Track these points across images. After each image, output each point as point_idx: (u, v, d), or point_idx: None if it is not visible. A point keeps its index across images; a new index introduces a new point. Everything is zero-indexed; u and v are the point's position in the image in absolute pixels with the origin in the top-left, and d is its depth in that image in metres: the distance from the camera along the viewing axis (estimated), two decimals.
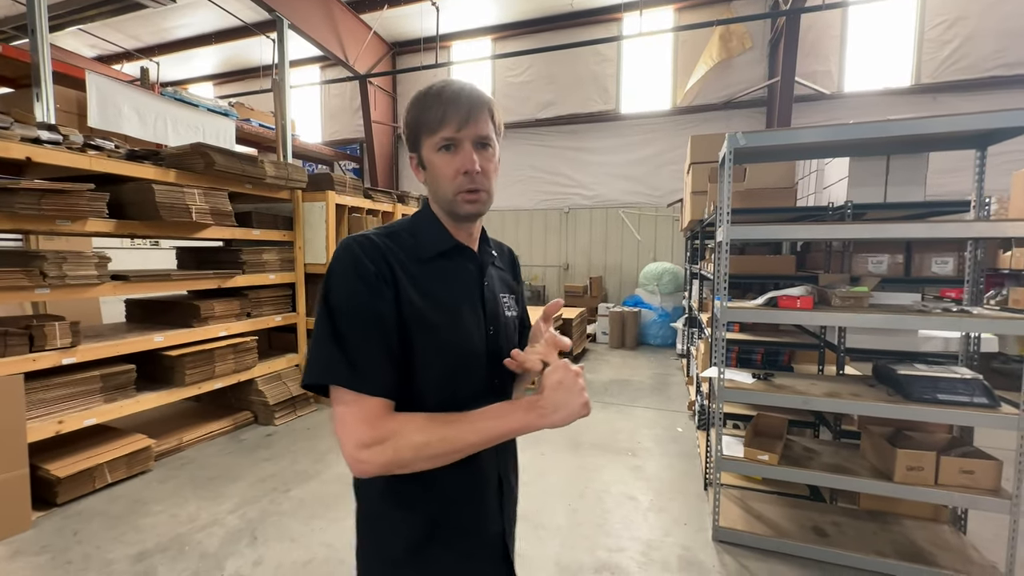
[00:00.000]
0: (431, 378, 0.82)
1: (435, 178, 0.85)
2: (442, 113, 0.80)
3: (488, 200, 0.87)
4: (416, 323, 0.80)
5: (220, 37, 10.06)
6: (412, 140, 0.87)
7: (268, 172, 3.99)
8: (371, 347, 0.76)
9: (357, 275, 0.78)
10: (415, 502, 0.85)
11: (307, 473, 3.25)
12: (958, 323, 2.09)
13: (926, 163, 2.49)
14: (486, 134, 0.84)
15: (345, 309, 0.77)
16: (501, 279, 1.00)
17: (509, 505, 0.97)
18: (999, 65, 6.95)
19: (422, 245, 0.87)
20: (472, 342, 0.86)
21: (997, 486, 2.15)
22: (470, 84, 0.84)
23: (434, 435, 0.73)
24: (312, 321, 3.57)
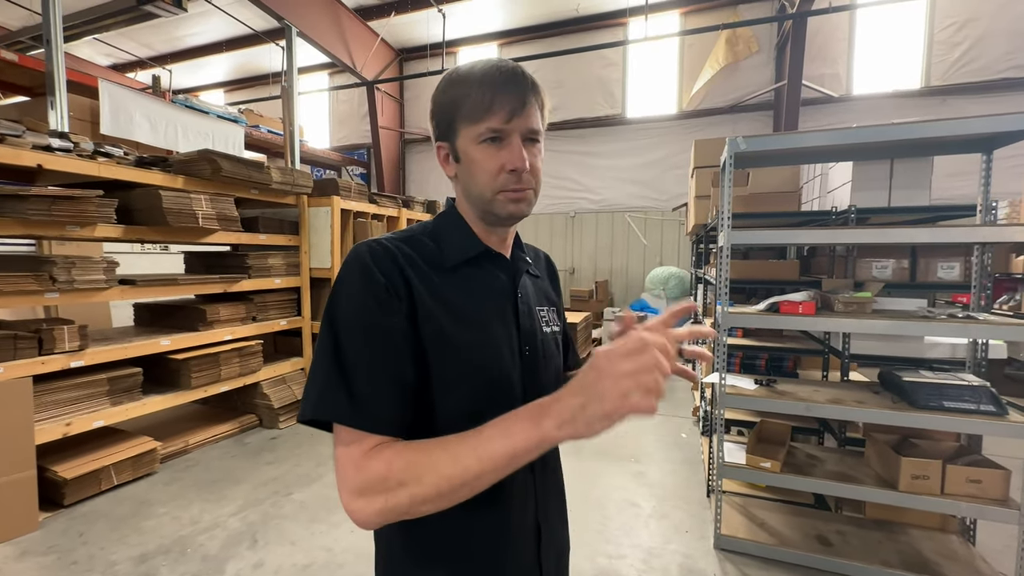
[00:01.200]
0: (454, 407, 0.69)
1: (472, 173, 0.73)
2: (489, 100, 0.68)
3: (534, 199, 0.75)
4: (436, 342, 0.69)
5: (231, 45, 10.23)
6: (444, 127, 0.74)
7: (274, 178, 4.04)
8: (375, 373, 0.64)
9: (365, 287, 0.67)
10: (436, 556, 0.73)
11: (309, 476, 3.27)
12: (963, 329, 2.06)
13: (931, 167, 2.46)
14: (537, 127, 0.72)
15: (349, 328, 0.66)
16: (538, 289, 0.88)
17: (550, 557, 0.80)
18: (1011, 67, 6.85)
19: (445, 251, 0.76)
20: (503, 363, 0.74)
21: (1006, 496, 2.10)
22: (519, 66, 0.71)
23: (426, 469, 0.59)
24: (317, 325, 3.57)
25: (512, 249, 0.85)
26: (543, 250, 1.00)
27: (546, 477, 0.82)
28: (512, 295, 0.80)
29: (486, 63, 0.71)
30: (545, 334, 0.83)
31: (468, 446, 0.59)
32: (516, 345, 0.77)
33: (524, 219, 0.78)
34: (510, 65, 0.71)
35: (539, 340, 0.81)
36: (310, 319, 4.69)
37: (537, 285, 0.88)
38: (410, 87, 10.52)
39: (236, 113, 7.49)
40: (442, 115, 0.74)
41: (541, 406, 0.58)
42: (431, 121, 0.77)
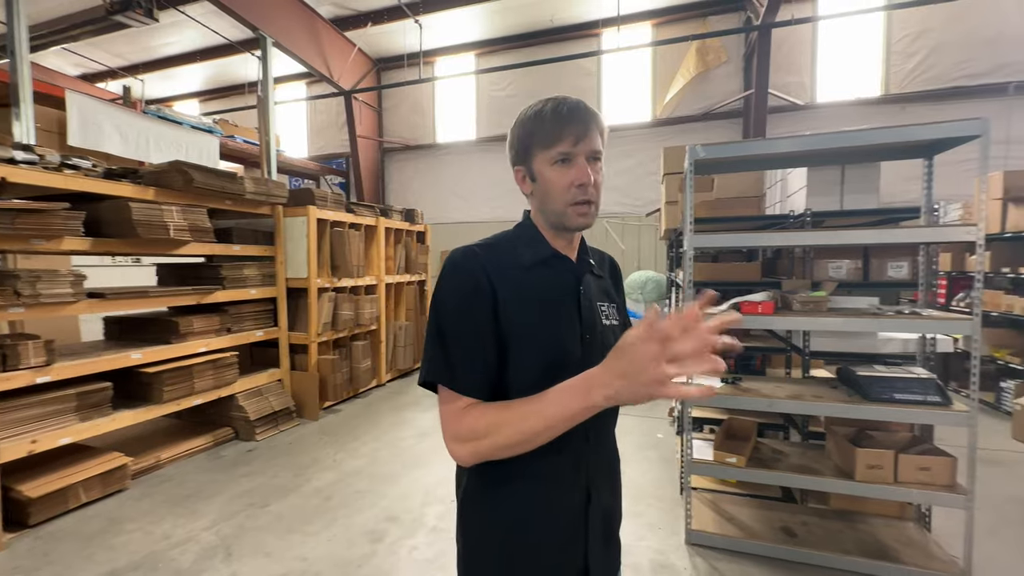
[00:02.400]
0: (527, 381, 0.84)
1: (547, 191, 0.90)
2: (560, 129, 0.86)
3: (596, 213, 0.91)
4: (514, 326, 0.86)
5: (205, 55, 10.14)
6: (522, 153, 0.92)
7: (248, 188, 4.03)
8: (466, 350, 0.84)
9: (459, 286, 0.86)
10: (504, 488, 0.90)
11: (286, 487, 3.24)
12: (908, 324, 2.18)
13: (878, 172, 2.60)
14: (598, 149, 0.89)
15: (446, 316, 0.86)
16: (600, 287, 1.01)
17: (596, 517, 0.93)
18: (963, 75, 7.21)
19: (522, 254, 0.92)
20: (568, 346, 0.89)
21: (953, 482, 2.22)
22: (581, 101, 0.89)
23: (502, 425, 0.78)
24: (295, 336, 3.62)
25: (578, 252, 1.00)
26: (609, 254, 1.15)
27: (600, 448, 0.97)
28: (576, 291, 0.94)
29: (554, 101, 0.88)
30: (604, 326, 0.96)
31: (534, 409, 0.77)
32: (578, 333, 0.91)
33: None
34: (577, 101, 0.89)
35: (598, 330, 0.94)
36: (287, 329, 4.66)
37: (600, 284, 1.02)
38: (388, 96, 10.56)
39: (211, 123, 7.42)
40: (520, 144, 0.92)
41: (589, 378, 0.73)
42: (509, 150, 0.95)
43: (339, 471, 3.50)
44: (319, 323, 4.70)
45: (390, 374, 6.02)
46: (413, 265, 6.46)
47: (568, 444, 0.85)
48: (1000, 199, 4.69)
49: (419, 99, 10.29)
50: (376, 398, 5.40)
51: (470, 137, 9.93)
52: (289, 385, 4.67)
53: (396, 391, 5.68)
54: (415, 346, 6.41)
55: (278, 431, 4.29)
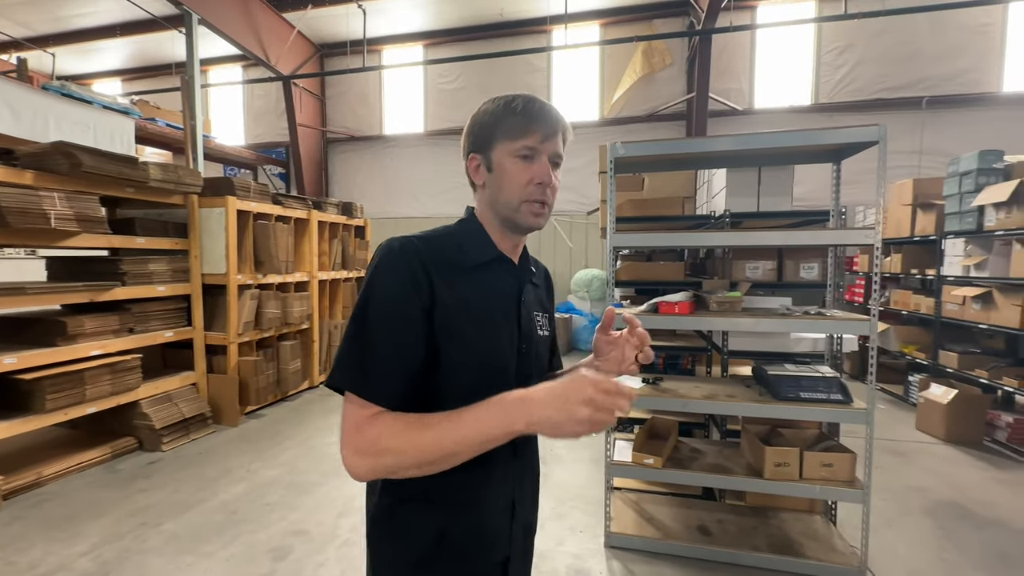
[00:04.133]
0: (457, 391, 0.79)
1: (503, 183, 0.84)
2: (527, 123, 0.82)
3: (548, 216, 0.87)
4: (448, 330, 0.79)
5: (126, 29, 9.32)
6: (482, 140, 0.86)
7: (152, 175, 3.67)
8: (386, 354, 0.75)
9: (390, 277, 0.77)
10: (422, 513, 0.83)
11: (187, 503, 2.97)
12: (813, 325, 2.23)
13: (792, 175, 2.66)
14: (561, 153, 0.86)
15: (372, 311, 0.76)
16: (536, 297, 0.97)
17: (519, 533, 0.91)
18: (883, 88, 7.70)
19: (464, 254, 0.86)
20: (503, 356, 0.84)
21: (853, 477, 2.30)
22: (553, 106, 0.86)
23: (410, 443, 0.70)
24: (213, 336, 3.32)
25: (520, 258, 0.94)
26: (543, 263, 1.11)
27: (525, 461, 0.94)
28: (517, 299, 0.90)
29: (528, 97, 0.84)
30: (539, 336, 0.94)
31: (448, 428, 0.69)
32: (516, 342, 0.87)
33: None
34: (546, 102, 0.85)
35: (534, 341, 0.91)
36: (203, 329, 4.31)
37: (536, 293, 0.98)
38: (332, 84, 10.10)
39: (127, 104, 6.79)
40: (481, 131, 0.86)
41: (515, 404, 0.68)
42: (467, 136, 0.89)
43: (251, 482, 3.25)
44: (240, 322, 4.38)
45: (324, 375, 5.71)
46: (351, 261, 6.18)
47: (494, 459, 0.79)
48: (910, 205, 5.01)
49: (365, 89, 9.91)
50: (306, 401, 5.12)
51: (418, 130, 9.67)
52: (205, 389, 4.33)
53: (329, 393, 5.41)
54: None
55: (189, 440, 3.95)
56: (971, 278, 4.25)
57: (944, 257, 4.57)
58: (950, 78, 7.45)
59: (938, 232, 4.65)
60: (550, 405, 0.65)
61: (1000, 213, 3.88)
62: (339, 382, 0.76)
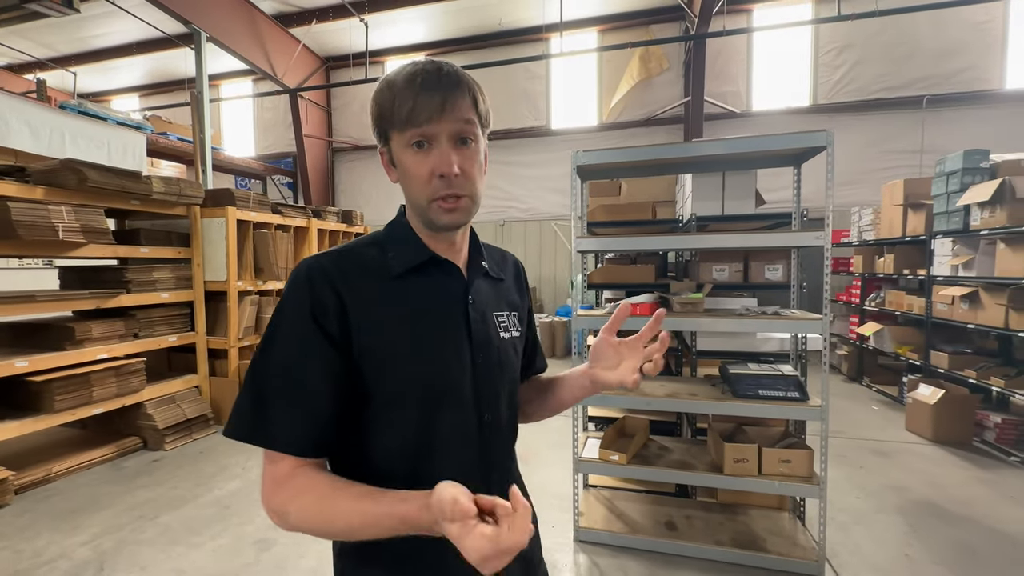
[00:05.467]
0: (399, 419, 0.70)
1: (406, 181, 0.72)
2: (411, 104, 0.67)
3: (472, 207, 0.73)
4: (373, 356, 0.69)
5: (142, 48, 9.73)
6: (380, 131, 0.74)
7: (155, 188, 3.89)
8: (290, 396, 0.66)
9: (291, 309, 0.69)
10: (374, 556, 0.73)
11: (183, 498, 3.14)
12: (769, 324, 2.29)
13: (754, 179, 2.73)
14: (465, 128, 0.70)
15: (271, 349, 0.68)
16: (496, 294, 0.85)
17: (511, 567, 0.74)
18: (882, 88, 7.65)
19: (391, 259, 0.75)
20: (450, 373, 0.73)
21: (811, 472, 2.35)
22: (447, 64, 0.70)
23: (321, 521, 0.63)
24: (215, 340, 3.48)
25: (470, 254, 0.83)
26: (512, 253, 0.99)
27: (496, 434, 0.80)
28: (463, 303, 0.77)
29: (412, 66, 0.70)
30: (502, 340, 0.81)
31: (364, 513, 0.61)
32: (468, 355, 0.75)
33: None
34: (433, 65, 0.69)
35: (494, 347, 0.79)
36: (205, 334, 4.51)
37: (498, 289, 0.86)
38: (338, 95, 10.38)
39: (140, 120, 7.11)
40: (377, 122, 0.74)
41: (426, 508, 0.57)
42: (372, 126, 0.76)
43: (245, 479, 3.41)
44: (240, 327, 4.57)
45: None
46: None
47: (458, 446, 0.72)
48: (901, 205, 4.99)
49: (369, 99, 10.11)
50: None
51: None
52: (208, 391, 4.52)
53: None
54: None
55: (191, 440, 4.14)
56: (959, 278, 4.23)
57: (933, 257, 4.55)
58: (950, 76, 7.37)
59: (927, 232, 4.63)
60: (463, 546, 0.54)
61: (984, 212, 3.88)
62: (236, 433, 0.67)
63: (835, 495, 3.10)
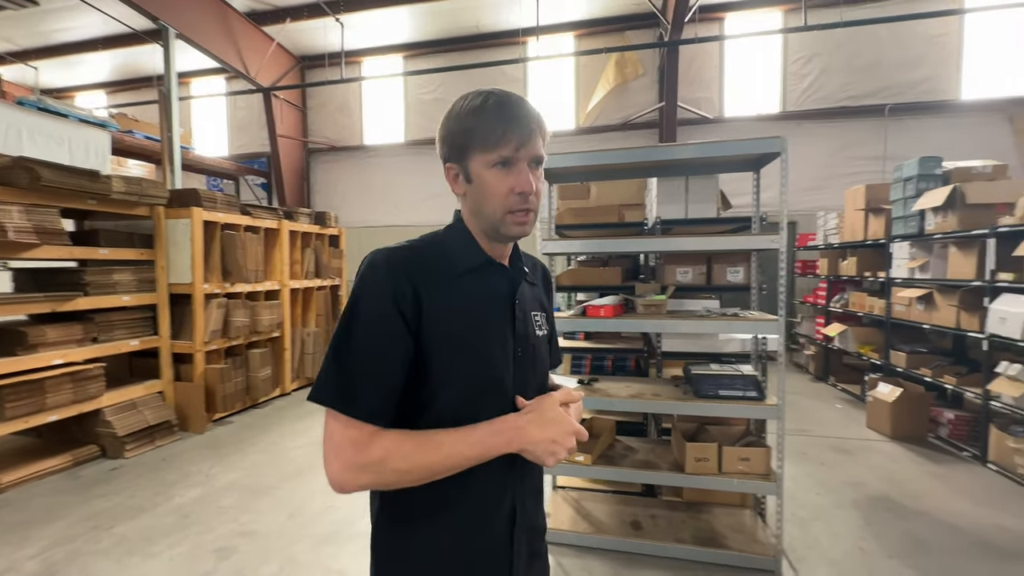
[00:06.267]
0: (452, 399, 0.80)
1: (483, 194, 0.82)
2: (503, 130, 0.78)
3: (535, 222, 0.86)
4: (437, 341, 0.79)
5: (108, 43, 9.45)
6: (456, 151, 0.83)
7: (115, 187, 3.77)
8: (372, 371, 0.75)
9: (374, 291, 0.77)
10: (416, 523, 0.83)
11: (142, 507, 3.04)
12: (727, 325, 2.35)
13: (716, 183, 2.80)
14: (541, 155, 0.84)
15: (355, 327, 0.76)
16: (533, 296, 0.96)
17: (521, 537, 0.88)
18: (847, 97, 7.91)
19: (451, 261, 0.85)
20: (496, 363, 0.84)
21: (769, 470, 2.41)
22: (525, 99, 0.83)
23: (419, 463, 0.73)
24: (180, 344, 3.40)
25: (511, 258, 0.93)
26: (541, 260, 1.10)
27: (525, 466, 0.89)
28: (510, 302, 0.88)
29: (499, 96, 0.81)
30: (537, 337, 0.93)
31: (457, 450, 0.74)
32: (510, 347, 0.86)
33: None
34: (522, 100, 0.82)
35: (531, 343, 0.90)
36: (169, 338, 4.39)
37: (533, 292, 0.96)
38: (314, 95, 10.25)
39: (104, 117, 6.90)
40: (455, 139, 0.83)
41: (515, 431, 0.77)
42: (441, 145, 0.86)
43: (208, 487, 3.33)
44: (206, 331, 4.46)
45: (296, 383, 5.80)
46: (324, 270, 6.28)
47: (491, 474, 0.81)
48: (863, 210, 5.17)
49: (346, 99, 10.06)
50: (276, 408, 5.19)
51: (399, 140, 9.81)
52: (172, 397, 4.40)
53: (301, 400, 5.48)
54: None
55: (154, 447, 4.02)
56: (916, 280, 4.40)
57: (892, 260, 4.72)
58: (911, 86, 7.67)
59: (887, 236, 4.81)
60: (539, 442, 0.77)
61: (938, 217, 4.04)
62: (324, 400, 0.75)
63: (796, 491, 3.19)
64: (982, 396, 3.55)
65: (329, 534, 2.70)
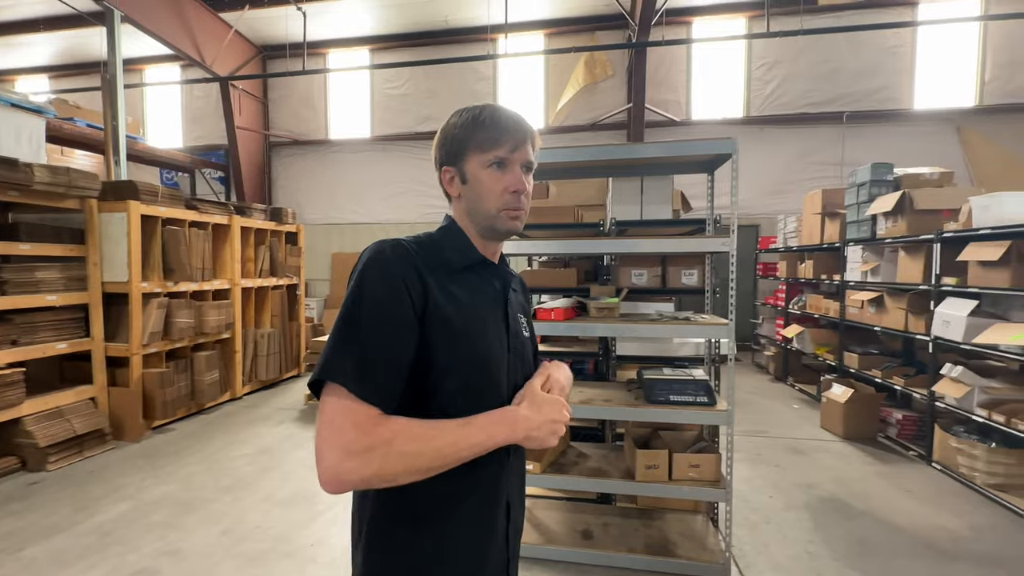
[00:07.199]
0: (455, 388, 0.80)
1: (479, 193, 0.87)
2: (499, 134, 0.85)
3: (525, 220, 0.91)
4: (443, 329, 0.79)
5: (50, 25, 8.86)
6: (454, 154, 0.88)
7: (37, 177, 3.48)
8: (385, 350, 0.74)
9: (383, 278, 0.77)
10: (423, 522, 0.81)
11: (59, 526, 2.79)
12: (677, 330, 2.30)
13: (671, 184, 2.76)
14: (532, 160, 0.89)
15: (368, 307, 0.75)
16: (517, 300, 1.00)
17: (513, 533, 0.93)
18: (808, 103, 8.12)
19: (449, 258, 0.87)
20: (496, 356, 0.86)
21: (719, 476, 2.37)
22: (518, 112, 0.90)
23: (428, 446, 0.71)
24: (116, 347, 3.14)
25: (500, 260, 0.98)
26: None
27: (517, 461, 0.94)
28: (503, 300, 0.92)
29: (495, 108, 0.87)
30: (524, 337, 0.97)
31: (460, 432, 0.74)
32: (506, 342, 0.89)
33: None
34: (514, 111, 0.89)
35: (520, 341, 0.94)
36: (103, 340, 4.09)
37: (516, 297, 1.00)
38: (276, 87, 9.87)
39: (40, 103, 6.42)
40: (453, 144, 0.88)
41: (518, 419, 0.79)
42: (438, 149, 0.91)
43: (137, 500, 3.09)
44: (144, 332, 4.18)
45: (249, 386, 5.54)
46: (280, 268, 6.02)
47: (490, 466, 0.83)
48: (819, 214, 5.27)
49: (310, 92, 9.73)
50: (225, 413, 4.93)
51: (365, 135, 9.55)
52: (106, 403, 4.10)
53: (253, 404, 5.23)
54: (282, 355, 5.96)
55: (82, 458, 3.73)
56: (868, 283, 4.50)
57: (847, 263, 4.83)
58: (868, 95, 7.92)
59: (841, 239, 4.91)
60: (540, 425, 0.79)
61: (888, 222, 4.14)
62: (336, 376, 0.70)
63: (750, 494, 3.19)
64: (927, 397, 3.65)
65: (260, 553, 2.53)
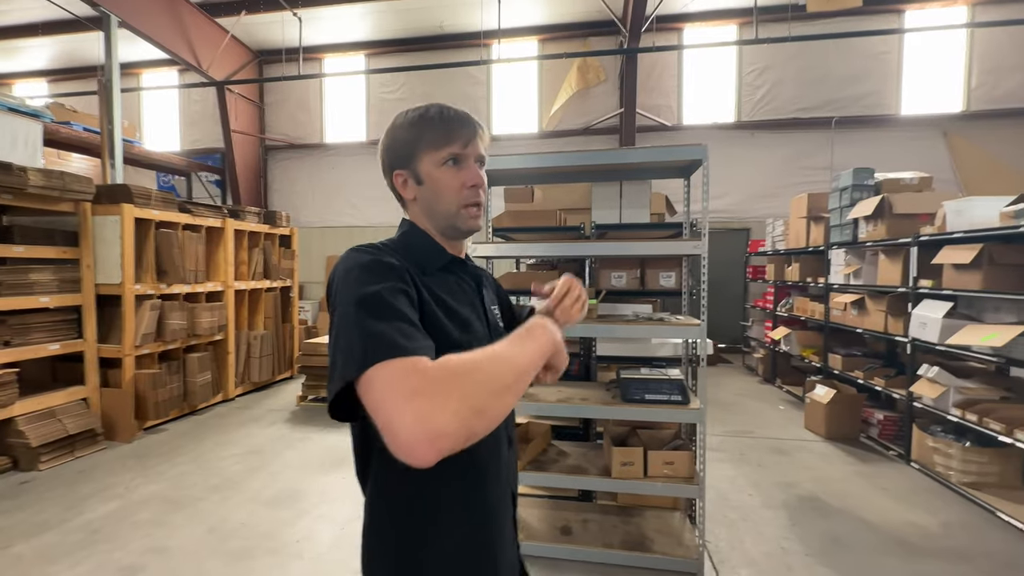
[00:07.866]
0: None
1: (437, 192, 0.86)
2: (451, 130, 0.85)
3: (483, 216, 0.88)
4: (432, 329, 0.76)
5: (48, 29, 8.94)
6: (404, 156, 0.87)
7: (31, 180, 3.54)
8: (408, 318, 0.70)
9: (382, 268, 0.75)
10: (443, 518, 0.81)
11: (48, 524, 2.84)
12: (652, 330, 2.36)
13: (648, 189, 2.83)
14: (484, 155, 0.90)
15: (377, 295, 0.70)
16: (489, 296, 1.01)
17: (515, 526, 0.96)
18: (798, 109, 8.21)
19: (424, 258, 0.87)
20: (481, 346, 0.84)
21: (692, 473, 2.43)
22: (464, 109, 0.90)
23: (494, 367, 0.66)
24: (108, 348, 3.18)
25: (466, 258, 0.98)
26: None
27: (512, 453, 0.95)
28: (480, 296, 0.94)
29: (440, 106, 0.88)
30: (500, 327, 0.98)
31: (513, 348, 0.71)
32: (488, 335, 0.90)
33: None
34: (460, 109, 0.89)
35: (499, 331, 0.95)
36: (96, 341, 4.14)
37: (488, 293, 1.01)
38: (272, 91, 9.95)
39: (37, 107, 6.50)
40: (402, 146, 0.87)
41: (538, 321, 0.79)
42: (385, 153, 0.90)
43: (126, 500, 3.14)
44: (137, 334, 4.24)
45: (242, 388, 5.58)
46: (274, 270, 6.08)
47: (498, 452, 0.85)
48: (805, 218, 5.35)
49: (306, 96, 9.81)
50: (217, 414, 4.98)
51: (360, 139, 9.63)
52: (98, 404, 4.15)
53: (245, 406, 5.28)
54: (274, 357, 6.01)
55: (74, 457, 3.78)
56: (850, 286, 4.58)
57: (831, 266, 4.90)
58: (856, 100, 8.02)
59: (826, 243, 4.99)
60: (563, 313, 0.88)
61: (869, 226, 4.22)
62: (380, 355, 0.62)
63: (730, 493, 3.24)
64: (906, 397, 3.71)
65: (245, 550, 2.58)
